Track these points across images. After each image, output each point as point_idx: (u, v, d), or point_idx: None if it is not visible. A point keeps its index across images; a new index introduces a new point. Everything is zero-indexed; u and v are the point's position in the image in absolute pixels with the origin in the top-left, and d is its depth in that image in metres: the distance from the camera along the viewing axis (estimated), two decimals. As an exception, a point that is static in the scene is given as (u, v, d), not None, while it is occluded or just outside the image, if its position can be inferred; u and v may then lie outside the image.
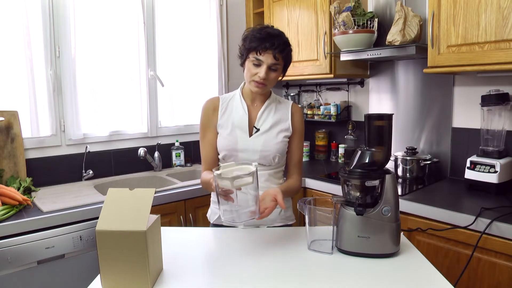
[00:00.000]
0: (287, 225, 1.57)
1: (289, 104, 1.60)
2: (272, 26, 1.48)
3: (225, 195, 1.18)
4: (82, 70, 2.41)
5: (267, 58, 1.40)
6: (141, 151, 2.54)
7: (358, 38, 2.25)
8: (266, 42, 1.39)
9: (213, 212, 1.60)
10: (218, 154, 1.55)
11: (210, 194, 1.65)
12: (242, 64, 1.50)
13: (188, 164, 2.85)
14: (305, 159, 2.93)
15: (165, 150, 2.79)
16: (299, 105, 3.06)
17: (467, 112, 2.19)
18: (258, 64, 1.42)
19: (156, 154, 2.70)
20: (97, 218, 1.04)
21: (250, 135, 1.51)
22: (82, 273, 1.86)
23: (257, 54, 1.40)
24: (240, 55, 1.50)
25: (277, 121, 1.54)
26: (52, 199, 2.00)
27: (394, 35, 2.05)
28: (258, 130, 1.52)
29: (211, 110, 1.55)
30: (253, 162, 1.24)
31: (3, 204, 1.80)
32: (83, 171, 2.44)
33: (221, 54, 2.98)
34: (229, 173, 1.18)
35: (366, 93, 2.73)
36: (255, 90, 1.47)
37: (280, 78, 1.53)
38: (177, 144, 2.83)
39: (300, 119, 1.61)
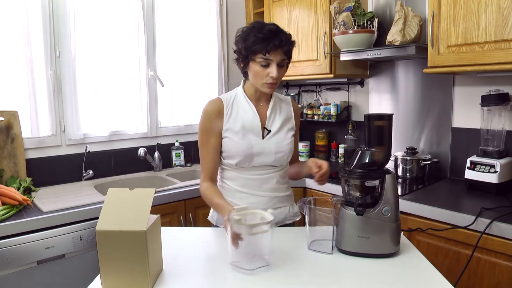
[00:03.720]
0: (294, 222, 1.58)
1: (289, 100, 1.59)
2: (263, 21, 1.41)
3: (234, 239, 1.14)
4: (82, 70, 2.41)
5: (276, 56, 1.35)
6: (141, 151, 2.54)
7: (358, 38, 2.24)
8: (274, 41, 1.33)
9: (220, 216, 1.52)
10: (221, 160, 1.49)
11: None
12: (244, 68, 1.43)
13: (188, 164, 2.85)
14: (305, 159, 2.93)
15: (165, 150, 2.79)
16: (299, 105, 3.07)
17: (467, 112, 2.19)
18: (266, 64, 1.36)
19: (156, 154, 2.70)
20: (97, 218, 1.04)
21: (262, 137, 1.47)
22: (82, 273, 1.86)
23: (265, 55, 1.34)
24: (240, 59, 1.42)
25: (285, 120, 1.52)
26: (52, 199, 2.00)
27: (394, 35, 2.05)
28: (269, 131, 1.48)
29: (215, 114, 1.46)
30: (268, 210, 1.20)
31: (3, 204, 1.80)
32: (83, 171, 2.44)
33: (221, 54, 2.98)
34: (244, 218, 1.17)
35: (366, 93, 2.73)
36: (268, 91, 1.42)
37: None
38: (177, 144, 2.83)
39: (299, 115, 1.63)
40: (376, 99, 2.66)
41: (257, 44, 1.34)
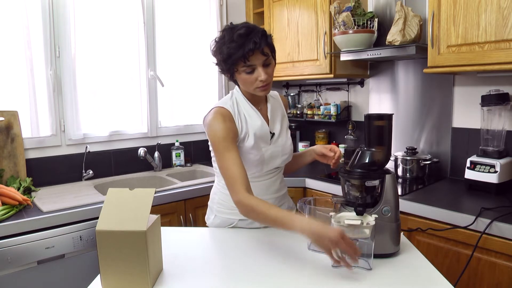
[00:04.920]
0: None
1: (277, 96, 1.57)
2: (232, 23, 1.34)
3: (354, 252, 1.04)
4: (82, 70, 2.41)
5: (257, 59, 1.29)
6: (141, 151, 2.54)
7: (358, 38, 2.24)
8: (247, 45, 1.26)
9: (224, 221, 1.50)
10: None
11: (209, 195, 1.64)
12: (231, 78, 1.39)
13: (188, 164, 2.85)
14: (305, 159, 2.93)
15: (165, 150, 2.79)
16: (299, 105, 3.07)
17: (467, 112, 2.19)
18: (251, 71, 1.30)
19: (156, 154, 2.70)
20: (97, 218, 1.04)
21: (269, 142, 1.44)
22: (82, 273, 1.86)
23: (245, 63, 1.28)
24: (224, 71, 1.37)
25: (282, 119, 1.52)
26: (52, 199, 2.00)
27: (394, 35, 2.05)
28: (273, 134, 1.45)
29: (228, 122, 1.35)
30: (373, 216, 1.14)
31: (3, 204, 1.80)
32: (83, 171, 2.44)
33: (221, 54, 2.98)
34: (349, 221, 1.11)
35: (366, 93, 2.73)
36: (263, 94, 1.38)
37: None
38: (177, 144, 2.83)
39: (287, 107, 1.62)
40: (376, 99, 2.66)
41: (233, 55, 1.28)
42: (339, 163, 1.49)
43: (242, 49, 1.26)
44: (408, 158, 2.27)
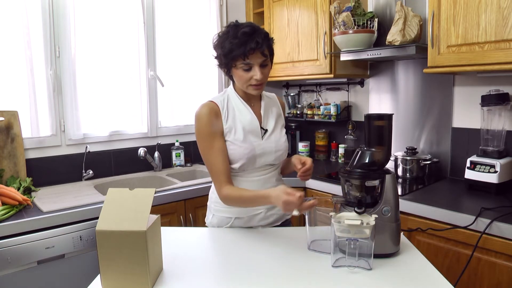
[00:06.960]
0: (290, 216, 1.60)
1: (274, 97, 1.61)
2: (237, 21, 1.39)
3: None
4: (82, 70, 2.41)
5: (256, 59, 1.34)
6: (141, 151, 2.54)
7: (358, 38, 2.24)
8: (250, 44, 1.31)
9: (221, 220, 1.51)
10: (230, 164, 1.44)
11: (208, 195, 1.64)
12: (228, 73, 1.43)
13: (188, 164, 2.85)
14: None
15: (165, 150, 2.79)
16: (299, 105, 3.07)
17: (467, 112, 2.19)
18: (248, 68, 1.35)
19: (156, 154, 2.70)
20: (97, 218, 1.04)
21: (261, 138, 1.47)
22: (82, 273, 1.86)
23: (244, 60, 1.33)
24: (222, 65, 1.42)
25: (277, 117, 1.54)
26: (52, 199, 2.00)
27: (394, 35, 2.05)
28: (266, 131, 1.49)
29: (213, 116, 1.42)
30: (373, 215, 1.15)
31: (3, 204, 1.80)
32: (83, 171, 2.44)
33: (221, 54, 2.97)
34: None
35: (366, 93, 2.73)
36: (255, 93, 1.42)
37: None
38: (177, 144, 2.83)
39: (284, 109, 1.64)
40: (376, 99, 2.66)
41: (234, 51, 1.33)
42: (308, 176, 1.46)
43: (244, 46, 1.31)
44: (408, 158, 2.27)
